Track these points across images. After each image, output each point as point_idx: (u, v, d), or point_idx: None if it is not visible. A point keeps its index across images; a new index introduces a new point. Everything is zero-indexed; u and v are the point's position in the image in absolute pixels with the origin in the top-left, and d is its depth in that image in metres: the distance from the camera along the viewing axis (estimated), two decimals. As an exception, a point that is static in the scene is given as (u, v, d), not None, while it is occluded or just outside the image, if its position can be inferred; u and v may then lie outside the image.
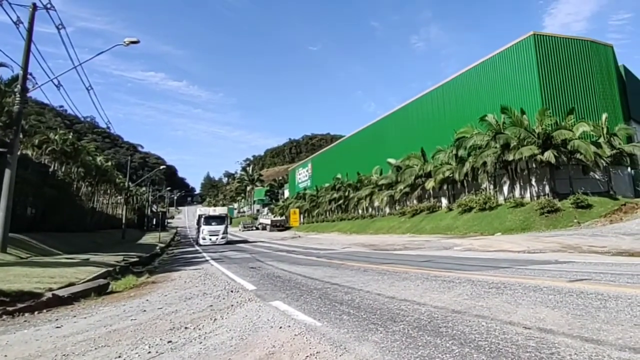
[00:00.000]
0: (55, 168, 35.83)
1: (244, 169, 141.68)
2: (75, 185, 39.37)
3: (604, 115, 28.88)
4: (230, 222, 61.36)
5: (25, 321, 6.14)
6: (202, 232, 35.14)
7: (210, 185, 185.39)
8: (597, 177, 28.35)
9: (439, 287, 6.70)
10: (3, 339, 5.02)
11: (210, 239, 34.40)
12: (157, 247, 30.89)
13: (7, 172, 15.49)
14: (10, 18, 14.56)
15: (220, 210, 39.54)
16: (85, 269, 11.46)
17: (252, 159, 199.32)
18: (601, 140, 27.63)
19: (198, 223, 37.78)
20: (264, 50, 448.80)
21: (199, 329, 4.89)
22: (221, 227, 35.34)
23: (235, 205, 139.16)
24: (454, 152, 33.43)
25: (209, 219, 35.99)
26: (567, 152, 26.28)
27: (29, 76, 16.87)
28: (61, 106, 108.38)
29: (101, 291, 8.89)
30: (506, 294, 5.77)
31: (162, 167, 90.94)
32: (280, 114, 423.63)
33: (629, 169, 30.62)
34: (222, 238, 34.74)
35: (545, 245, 14.79)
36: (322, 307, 5.67)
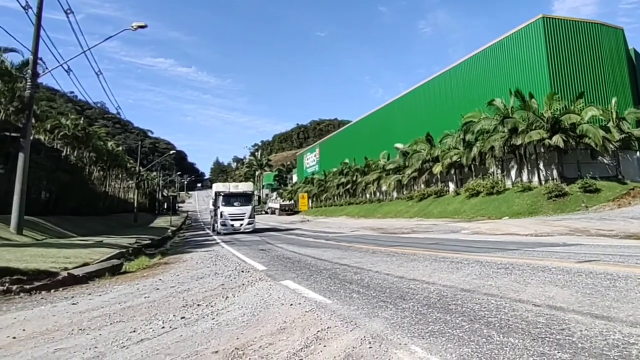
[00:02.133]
0: (68, 153, 36.02)
1: (252, 154, 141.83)
2: (87, 170, 39.63)
3: (614, 100, 28.38)
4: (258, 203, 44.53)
5: (42, 298, 6.24)
6: (221, 216, 24.88)
7: (220, 170, 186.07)
8: (605, 161, 27.98)
9: (448, 268, 6.69)
10: (21, 314, 5.10)
11: (232, 226, 24.69)
12: (169, 231, 31.19)
13: (21, 156, 15.62)
14: (19, 3, 14.52)
15: (244, 187, 28.08)
16: (99, 250, 11.60)
17: (260, 144, 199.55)
18: (610, 124, 27.19)
19: (215, 204, 26.53)
20: (271, 36, 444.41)
21: (211, 306, 4.93)
22: (246, 209, 25.46)
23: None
24: (462, 136, 33.09)
25: (230, 198, 25.70)
26: (575, 137, 25.90)
27: (39, 61, 16.90)
28: (72, 92, 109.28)
29: (115, 271, 9.00)
30: (515, 274, 5.75)
31: (172, 152, 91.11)
32: (288, 99, 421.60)
33: (638, 153, 30.17)
34: (249, 224, 25.21)
35: (552, 228, 14.70)
36: (332, 286, 5.69)
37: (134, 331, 4.04)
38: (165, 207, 75.33)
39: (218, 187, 27.18)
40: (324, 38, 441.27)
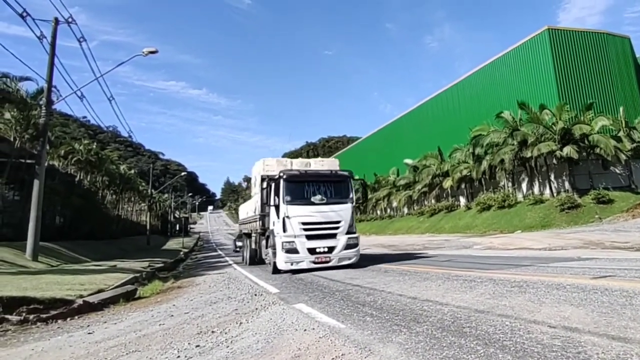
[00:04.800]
0: (81, 177, 36.58)
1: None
2: (100, 194, 40.18)
3: (621, 109, 28.21)
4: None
5: (58, 327, 6.30)
6: (284, 229, 11.13)
7: (231, 190, 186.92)
8: (617, 171, 27.67)
9: (461, 287, 6.64)
10: (39, 345, 5.16)
11: (310, 251, 11.19)
12: (181, 253, 31.31)
13: (36, 183, 15.92)
14: (34, 33, 14.97)
15: (329, 163, 14.19)
16: (114, 275, 11.69)
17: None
18: (621, 133, 26.97)
19: (266, 204, 11.98)
20: (279, 56, 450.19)
21: (226, 333, 4.94)
22: (342, 212, 11.67)
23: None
24: (471, 150, 33.04)
25: (306, 186, 11.70)
26: (586, 147, 25.74)
27: (53, 89, 17.35)
28: (84, 117, 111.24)
29: (129, 297, 9.06)
30: (529, 292, 5.69)
31: (183, 173, 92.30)
32: (297, 118, 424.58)
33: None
34: (348, 247, 11.55)
35: (566, 242, 14.51)
36: (345, 308, 5.67)
37: (150, 361, 4.07)
38: (177, 228, 75.76)
39: (267, 165, 13.41)
40: (331, 56, 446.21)
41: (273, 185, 11.60)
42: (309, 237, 11.18)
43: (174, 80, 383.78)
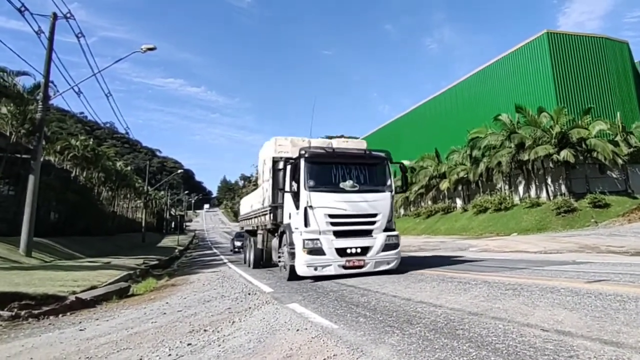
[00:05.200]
0: (77, 173, 36.41)
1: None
2: (96, 190, 39.99)
3: (618, 113, 28.35)
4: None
5: (50, 324, 6.26)
6: (306, 224, 8.82)
7: (227, 188, 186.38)
8: (614, 175, 27.79)
9: (455, 289, 6.64)
10: (29, 341, 5.12)
11: (341, 253, 8.91)
12: (176, 250, 31.28)
13: (31, 178, 15.85)
14: (32, 28, 14.90)
15: (355, 144, 12.16)
16: (107, 272, 11.65)
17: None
18: (618, 138, 27.08)
19: (282, 191, 9.69)
20: (278, 55, 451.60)
21: (218, 332, 4.92)
22: (379, 203, 9.42)
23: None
24: (468, 152, 33.11)
25: (333, 168, 9.39)
26: (583, 151, 25.83)
27: (50, 84, 17.26)
28: (82, 113, 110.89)
29: (122, 294, 9.02)
30: (523, 295, 5.69)
31: (179, 171, 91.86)
32: (294, 117, 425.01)
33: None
34: (387, 248, 9.31)
35: (562, 245, 14.55)
36: (339, 309, 5.66)
37: (141, 359, 4.05)
38: (173, 226, 75.65)
39: (280, 146, 10.97)
40: (331, 56, 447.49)
41: (290, 168, 9.25)
42: (337, 234, 8.95)
43: (172, 77, 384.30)
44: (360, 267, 9.00)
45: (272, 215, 10.88)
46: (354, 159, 9.73)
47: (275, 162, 10.49)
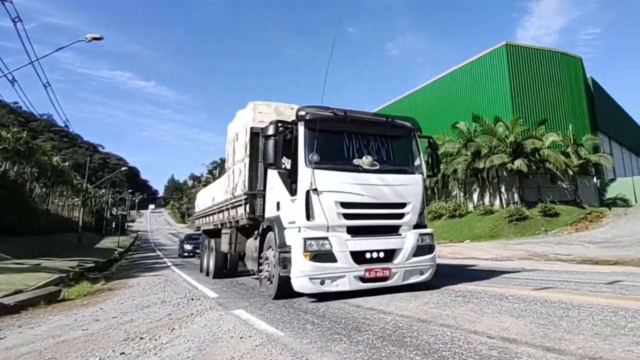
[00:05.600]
0: (7, 168, 34.41)
1: (210, 172, 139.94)
2: (28, 187, 37.90)
3: (570, 126, 30.05)
4: None
5: (-36, 331, 5.84)
6: (309, 217, 6.51)
7: (175, 188, 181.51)
8: (564, 186, 29.35)
9: (406, 296, 6.75)
10: (-62, 351, 4.76)
11: (365, 257, 6.78)
12: (116, 252, 30.17)
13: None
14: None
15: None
16: (35, 275, 11.04)
17: (219, 162, 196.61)
18: (569, 149, 28.65)
19: (270, 166, 7.06)
20: (236, 52, 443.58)
21: (155, 340, 4.76)
22: (409, 190, 7.42)
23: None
24: (425, 159, 33.89)
25: (345, 140, 7.17)
26: (536, 161, 27.14)
27: (-22, 69, 16.17)
28: (16, 103, 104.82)
29: (52, 299, 8.56)
30: (472, 302, 5.87)
31: (123, 168, 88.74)
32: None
33: (594, 178, 31.87)
34: (421, 252, 7.24)
35: (513, 252, 15.17)
36: (286, 316, 5.62)
37: (66, 369, 3.85)
38: (114, 226, 72.94)
39: (261, 114, 8.82)
40: (290, 56, 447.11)
41: (280, 139, 6.94)
42: (352, 231, 6.70)
43: (120, 70, 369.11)
44: (385, 278, 6.83)
45: (248, 206, 8.52)
46: (372, 128, 7.50)
47: (254, 134, 8.29)
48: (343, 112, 7.00)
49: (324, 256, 6.39)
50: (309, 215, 6.44)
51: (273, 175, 7.53)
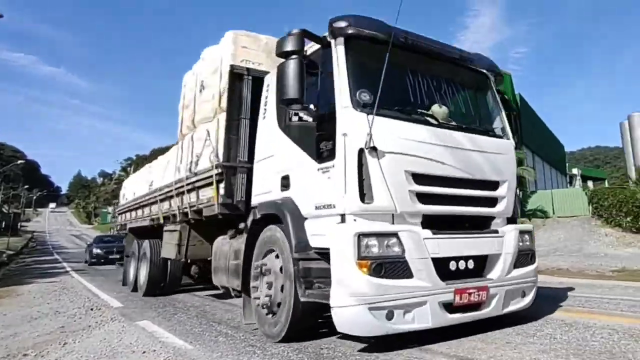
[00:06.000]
0: None
1: (124, 169, 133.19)
2: None
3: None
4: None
5: None
6: (364, 198, 3.77)
7: (81, 185, 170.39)
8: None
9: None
10: None
11: (451, 277, 4.10)
12: (4, 255, 27.62)
13: None
14: None
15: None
16: None
17: (135, 158, 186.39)
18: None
19: (240, 137, 5.49)
20: (162, 44, 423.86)
21: (42, 356, 4.37)
22: (499, 160, 4.90)
23: (110, 209, 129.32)
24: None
25: (409, 76, 4.58)
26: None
27: None
28: None
29: None
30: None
31: (19, 161, 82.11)
32: (172, 113, 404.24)
33: (517, 190, 34.32)
34: (524, 266, 4.73)
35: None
36: (197, 327, 5.41)
37: None
38: (4, 226, 67.01)
39: (245, 49, 6.01)
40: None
41: (298, 68, 3.97)
42: (431, 223, 4.14)
43: (22, 52, 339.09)
44: (479, 305, 4.22)
45: (223, 186, 5.54)
46: (442, 66, 4.95)
47: (236, 76, 5.55)
48: (404, 31, 4.46)
49: (393, 267, 3.72)
50: (363, 194, 3.79)
51: (275, 132, 4.89)
